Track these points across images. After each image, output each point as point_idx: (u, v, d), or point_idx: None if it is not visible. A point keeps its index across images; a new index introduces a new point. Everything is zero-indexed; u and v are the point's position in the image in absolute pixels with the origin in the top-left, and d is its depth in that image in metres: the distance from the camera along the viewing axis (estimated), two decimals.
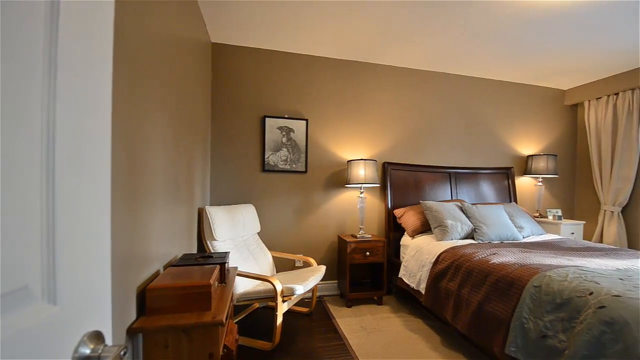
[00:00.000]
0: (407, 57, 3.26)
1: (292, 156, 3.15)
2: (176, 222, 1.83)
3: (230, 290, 1.62)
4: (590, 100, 3.99)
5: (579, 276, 1.66)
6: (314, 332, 2.44)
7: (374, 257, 2.97)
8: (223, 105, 3.00)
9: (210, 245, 2.33)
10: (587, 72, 3.61)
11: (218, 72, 2.98)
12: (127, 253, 1.17)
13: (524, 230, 3.08)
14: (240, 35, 2.85)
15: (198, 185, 2.42)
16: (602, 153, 3.83)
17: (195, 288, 1.36)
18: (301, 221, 3.21)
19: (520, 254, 2.22)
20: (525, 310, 1.65)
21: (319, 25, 2.65)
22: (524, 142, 4.03)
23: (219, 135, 2.99)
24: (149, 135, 1.37)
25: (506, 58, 3.26)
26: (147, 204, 1.36)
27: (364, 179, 2.96)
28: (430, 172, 3.57)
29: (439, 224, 2.86)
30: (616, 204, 3.67)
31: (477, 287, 2.01)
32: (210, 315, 1.32)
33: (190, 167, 2.16)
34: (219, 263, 1.67)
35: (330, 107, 3.30)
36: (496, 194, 3.77)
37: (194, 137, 2.28)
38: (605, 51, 3.05)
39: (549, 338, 1.49)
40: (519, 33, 2.71)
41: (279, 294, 2.05)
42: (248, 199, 3.04)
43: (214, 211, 2.40)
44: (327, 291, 3.28)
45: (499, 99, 3.92)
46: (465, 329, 2.00)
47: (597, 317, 1.34)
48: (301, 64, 3.21)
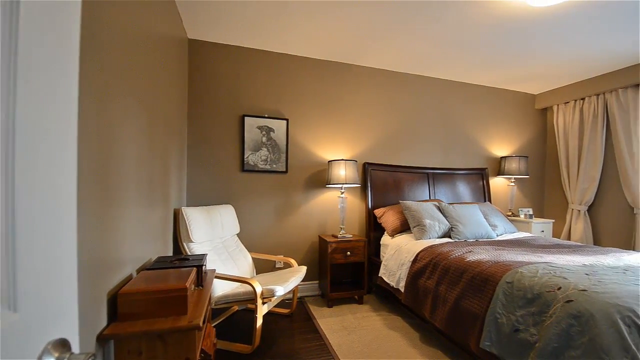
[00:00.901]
0: (386, 59, 3.31)
1: (273, 156, 3.12)
2: (150, 223, 1.76)
3: (208, 293, 1.58)
4: (558, 105, 4.20)
5: (548, 272, 1.73)
6: (295, 333, 2.43)
7: (355, 257, 2.99)
8: (200, 103, 2.93)
9: (187, 247, 2.26)
10: (556, 78, 3.79)
11: (195, 69, 2.91)
12: (97, 256, 1.11)
13: (498, 229, 3.20)
14: (219, 33, 2.80)
15: (174, 185, 2.35)
16: (570, 155, 4.04)
17: (170, 292, 1.31)
18: (282, 222, 3.19)
19: (494, 252, 2.29)
20: (498, 306, 1.71)
21: (299, 25, 2.64)
22: (497, 144, 4.19)
23: (196, 134, 2.92)
24: (121, 133, 1.31)
25: (481, 63, 3.37)
26: (119, 205, 1.30)
27: (345, 179, 2.98)
28: (409, 172, 3.63)
29: (417, 223, 2.91)
30: (583, 203, 3.88)
31: (454, 284, 2.07)
32: (187, 320, 1.28)
33: (166, 167, 2.10)
34: (195, 265, 1.62)
35: (311, 107, 3.29)
36: (472, 194, 3.89)
37: (170, 136, 2.21)
38: (572, 58, 3.21)
39: (520, 332, 1.55)
40: (493, 40, 2.82)
41: (259, 295, 2.02)
42: (227, 200, 2.99)
43: (190, 212, 2.34)
44: (308, 292, 3.27)
45: (474, 102, 4.05)
46: (443, 325, 2.05)
47: (565, 311, 1.41)
48: (282, 63, 3.19)
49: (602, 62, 3.31)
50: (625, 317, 1.28)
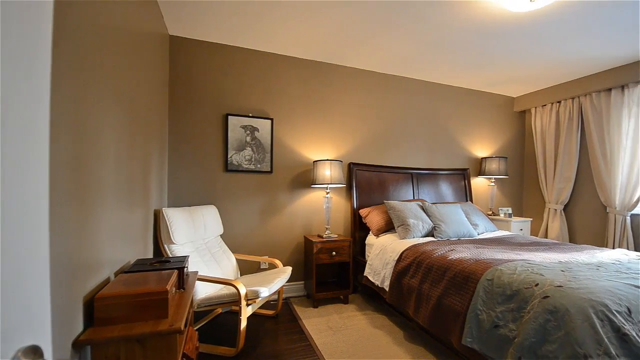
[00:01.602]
0: (371, 60, 3.34)
1: (257, 156, 3.09)
2: (129, 225, 1.71)
3: (190, 295, 1.55)
4: (536, 107, 4.35)
5: (526, 269, 1.79)
6: (280, 335, 2.41)
7: (340, 257, 3.00)
8: (182, 102, 2.86)
9: (168, 249, 2.21)
10: (534, 81, 3.92)
11: (177, 66, 2.84)
12: (72, 259, 1.07)
13: (479, 228, 3.28)
14: (202, 30, 2.75)
15: (154, 186, 2.29)
16: (547, 156, 4.19)
17: (150, 295, 1.28)
18: (266, 222, 3.16)
19: (475, 250, 2.35)
20: (479, 303, 1.75)
21: (285, 24, 2.62)
22: (478, 145, 4.30)
23: (178, 133, 2.85)
24: (98, 132, 1.27)
25: (462, 66, 3.45)
26: (96, 206, 1.26)
27: (330, 179, 2.98)
28: (393, 172, 3.68)
29: (401, 222, 2.95)
30: (559, 202, 4.03)
31: (437, 282, 2.10)
32: (168, 323, 1.25)
33: (146, 167, 2.04)
34: (177, 268, 1.58)
35: (296, 106, 3.28)
36: (454, 194, 3.97)
37: (150, 135, 2.16)
38: (549, 63, 3.33)
39: (500, 328, 1.60)
40: (474, 43, 2.89)
41: (243, 297, 1.99)
42: (210, 200, 2.94)
43: (171, 213, 2.28)
44: (294, 292, 3.25)
45: (456, 104, 4.14)
46: (426, 323, 2.08)
47: (542, 307, 1.46)
48: (266, 62, 3.16)
49: (577, 67, 3.45)
50: (599, 311, 1.34)
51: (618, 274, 1.75)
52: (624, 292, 1.48)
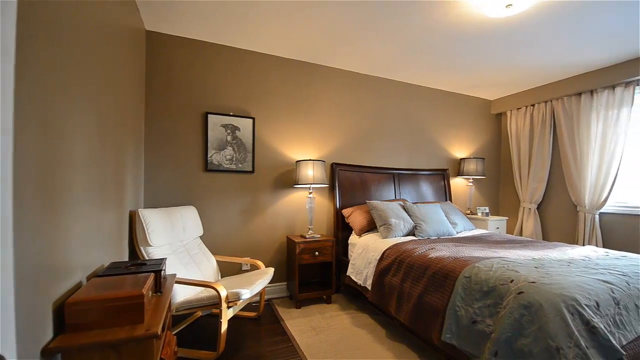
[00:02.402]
0: (353, 61, 3.36)
1: (238, 155, 3.04)
2: (103, 227, 1.64)
3: (167, 299, 1.50)
4: (512, 110, 4.51)
5: (502, 266, 1.84)
6: (262, 337, 2.38)
7: (323, 257, 3.00)
8: (159, 99, 2.77)
9: (144, 251, 2.13)
10: (510, 85, 4.07)
11: (153, 63, 2.75)
12: (40, 263, 1.01)
13: (458, 226, 3.36)
14: (180, 26, 2.68)
15: (129, 186, 2.21)
16: (521, 157, 4.35)
17: (125, 299, 1.23)
18: (248, 223, 3.12)
19: (454, 248, 2.40)
20: (458, 299, 1.79)
21: (267, 23, 2.60)
22: (457, 146, 4.41)
23: (155, 132, 2.76)
24: (68, 131, 1.21)
25: (441, 69, 3.53)
26: (66, 208, 1.20)
27: (313, 179, 2.98)
28: (375, 172, 3.71)
29: (383, 222, 2.98)
30: (533, 201, 4.19)
31: (417, 280, 2.14)
32: (144, 328, 1.21)
33: (120, 166, 1.97)
34: (153, 271, 1.54)
35: (278, 106, 3.26)
36: (434, 194, 4.06)
37: (125, 133, 2.08)
38: (524, 67, 3.46)
39: (478, 323, 1.64)
40: (453, 47, 2.96)
41: (224, 299, 1.95)
42: (189, 201, 2.86)
43: (148, 214, 2.21)
44: (276, 293, 3.22)
45: (436, 105, 4.23)
46: (408, 321, 2.11)
47: (517, 302, 1.51)
48: (248, 60, 3.12)
49: (550, 72, 3.60)
50: (569, 305, 1.39)
51: (587, 269, 1.84)
52: (593, 287, 1.55)
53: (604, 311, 1.45)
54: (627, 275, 1.74)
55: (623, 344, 1.42)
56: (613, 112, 3.42)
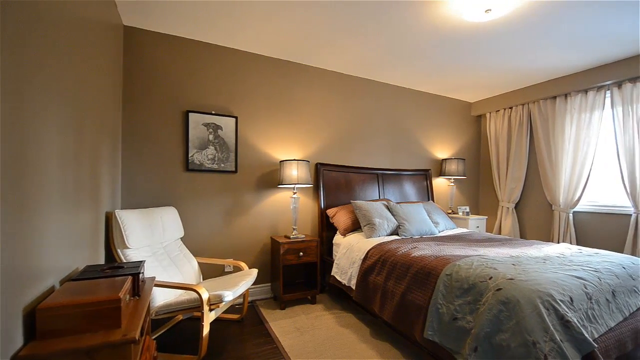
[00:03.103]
0: (337, 61, 3.37)
1: (221, 155, 2.98)
2: (77, 229, 1.58)
3: (146, 303, 1.45)
4: (490, 112, 4.64)
5: (481, 264, 1.89)
6: (245, 339, 2.35)
7: (308, 257, 2.99)
8: (138, 97, 2.69)
9: (122, 254, 2.06)
10: (489, 88, 4.18)
11: (132, 59, 2.66)
12: (8, 267, 0.96)
13: (440, 226, 3.42)
14: (161, 22, 2.61)
15: (106, 186, 2.13)
16: (500, 158, 4.49)
17: (100, 304, 1.18)
18: (231, 224, 3.07)
19: (436, 247, 2.45)
20: (439, 297, 1.82)
21: (251, 21, 2.56)
22: (439, 147, 4.50)
23: (133, 131, 2.66)
24: (39, 130, 1.15)
25: (423, 71, 3.59)
26: (38, 209, 1.14)
27: (297, 179, 2.96)
28: (360, 173, 3.74)
29: (367, 222, 3.00)
30: (511, 201, 4.33)
31: (401, 279, 2.16)
32: (120, 333, 1.16)
33: (96, 166, 1.89)
34: (131, 274, 1.48)
35: (262, 105, 3.22)
36: (417, 193, 4.12)
37: (101, 132, 2.00)
38: (502, 71, 3.57)
39: (459, 320, 1.67)
40: (434, 50, 3.01)
41: (205, 302, 1.91)
42: (169, 201, 2.79)
43: (125, 215, 2.14)
44: (260, 295, 3.19)
45: (418, 107, 4.30)
46: (391, 319, 2.13)
47: (496, 298, 1.55)
48: (231, 58, 3.07)
49: (527, 76, 3.73)
50: (545, 301, 1.44)
51: (562, 266, 1.91)
52: (567, 282, 1.61)
53: (578, 306, 1.51)
54: (599, 271, 1.81)
55: (595, 337, 1.48)
56: (585, 115, 3.57)
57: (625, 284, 1.81)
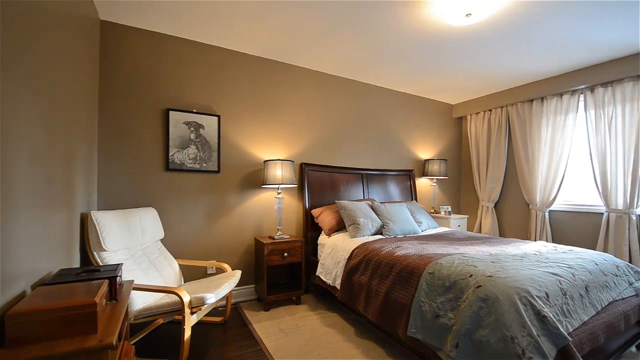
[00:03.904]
0: (322, 61, 3.37)
1: (203, 154, 2.92)
2: (50, 231, 1.51)
3: (124, 307, 1.40)
4: (471, 115, 4.76)
5: (462, 262, 1.93)
6: (229, 342, 2.31)
7: (292, 258, 2.97)
8: (115, 94, 2.59)
9: (98, 257, 1.98)
10: (469, 90, 4.29)
11: (109, 55, 2.57)
12: None
13: (422, 225, 3.48)
14: (140, 17, 2.53)
15: (80, 187, 2.04)
16: (480, 159, 4.61)
17: (75, 309, 1.13)
18: (214, 225, 3.01)
19: (419, 246, 2.48)
20: (422, 295, 1.85)
21: (235, 19, 2.53)
22: (421, 147, 4.57)
23: (110, 129, 2.57)
24: (7, 128, 1.09)
25: (406, 73, 3.65)
26: (6, 210, 1.08)
27: (282, 179, 2.94)
28: (344, 173, 3.75)
29: (352, 222, 3.02)
30: (490, 200, 4.45)
31: (385, 278, 2.18)
32: (97, 339, 1.12)
33: (70, 166, 1.81)
34: (108, 277, 1.43)
35: (245, 104, 3.18)
36: (401, 193, 4.18)
37: (75, 130, 1.93)
38: (482, 74, 3.66)
39: (440, 317, 1.70)
40: (417, 53, 3.06)
41: (187, 305, 1.86)
42: (148, 202, 2.70)
43: (102, 217, 2.06)
44: (244, 296, 3.15)
45: (402, 108, 4.36)
46: (375, 318, 2.14)
47: (476, 295, 1.58)
48: (214, 56, 3.02)
49: (506, 79, 3.84)
50: (522, 297, 1.49)
51: (538, 263, 1.98)
52: (543, 279, 1.67)
53: (553, 301, 1.56)
54: (573, 268, 1.89)
55: (569, 331, 1.54)
56: (560, 118, 3.72)
57: (597, 279, 1.89)
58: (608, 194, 3.30)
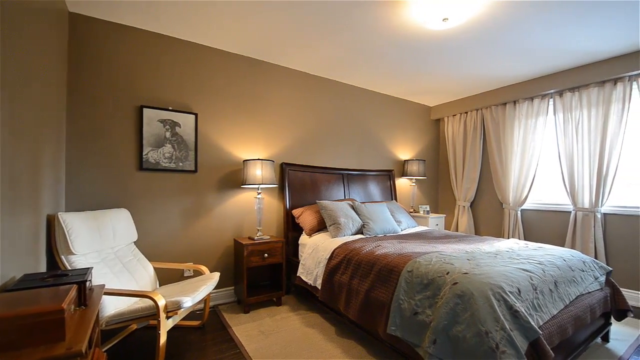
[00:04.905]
0: (303, 61, 3.36)
1: (179, 153, 2.84)
2: (13, 234, 1.41)
3: (94, 312, 1.34)
4: (448, 117, 4.89)
5: (439, 260, 1.98)
6: (207, 346, 2.25)
7: (273, 258, 2.94)
8: (85, 89, 2.47)
9: (66, 261, 1.88)
10: (446, 93, 4.40)
11: (78, 49, 2.44)
12: None
13: (402, 224, 3.54)
14: (114, 11, 2.43)
15: (47, 187, 1.93)
16: (456, 159, 4.74)
17: (41, 315, 1.07)
18: (191, 226, 2.93)
19: (398, 245, 2.52)
20: (401, 293, 1.88)
21: (215, 16, 2.47)
22: (401, 148, 4.65)
23: (80, 125, 2.44)
24: None
25: (385, 74, 3.70)
26: None
27: (262, 179, 2.91)
28: (325, 173, 3.75)
29: (333, 221, 3.02)
30: (466, 200, 4.59)
31: (365, 277, 2.20)
32: (64, 347, 1.06)
33: (36, 165, 1.71)
34: (76, 282, 1.36)
35: (224, 102, 3.12)
36: (381, 193, 4.23)
37: (42, 126, 1.82)
38: (458, 77, 3.77)
39: (419, 314, 1.73)
40: (396, 55, 3.11)
41: (162, 309, 1.80)
42: (121, 203, 2.59)
43: (70, 219, 1.96)
44: (223, 299, 3.08)
45: (382, 109, 4.42)
46: (356, 317, 2.16)
47: (452, 292, 1.62)
48: (191, 53, 2.94)
49: (481, 83, 3.97)
50: (496, 293, 1.54)
51: (511, 260, 2.05)
52: (515, 275, 1.73)
53: (525, 296, 1.62)
54: (543, 264, 1.97)
55: (540, 325, 1.61)
56: (532, 121, 3.88)
57: (565, 274, 1.98)
58: (575, 194, 3.47)
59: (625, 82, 3.13)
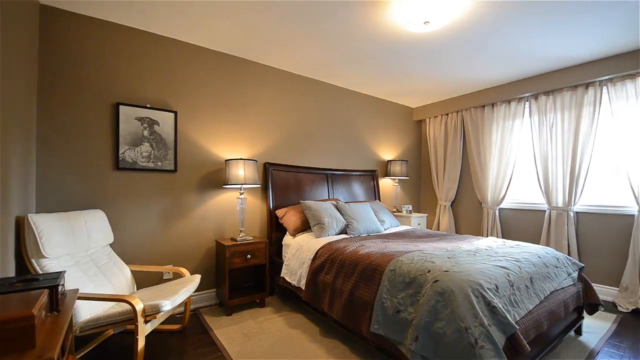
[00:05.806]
0: (287, 61, 3.34)
1: (157, 152, 2.76)
2: None
3: (67, 318, 1.28)
4: (430, 118, 4.99)
5: (421, 258, 2.01)
6: (187, 350, 2.20)
7: (256, 259, 2.90)
8: (57, 86, 2.36)
9: (37, 264, 1.79)
10: (428, 95, 4.49)
11: (50, 43, 2.33)
12: None
13: (385, 224, 3.58)
14: (88, 5, 2.33)
15: (15, 187, 1.83)
16: (438, 160, 4.84)
17: (9, 322, 1.02)
18: (171, 227, 2.85)
19: (381, 244, 2.55)
20: (384, 291, 1.90)
21: (198, 12, 2.41)
22: (384, 148, 4.71)
23: (51, 123, 2.34)
24: None
25: (368, 75, 3.74)
26: None
27: (244, 179, 2.87)
28: (309, 173, 3.75)
29: (317, 222, 3.02)
30: (447, 199, 4.69)
31: (349, 276, 2.20)
32: (35, 355, 1.01)
33: (2, 164, 1.63)
34: (47, 287, 1.30)
35: (205, 101, 3.05)
36: (365, 193, 4.26)
37: (10, 124, 1.73)
38: (439, 80, 3.85)
39: (401, 312, 1.75)
40: (377, 57, 3.15)
41: (140, 313, 1.74)
42: (95, 204, 2.49)
43: (41, 220, 1.87)
44: (204, 302, 3.02)
45: (365, 110, 4.46)
46: (340, 316, 2.16)
47: (433, 290, 1.65)
48: (171, 49, 2.86)
49: (461, 85, 4.07)
50: (475, 290, 1.58)
51: (489, 257, 2.11)
52: (493, 272, 1.78)
53: (502, 292, 1.67)
54: (519, 261, 2.04)
55: (517, 320, 1.66)
56: (509, 123, 4.01)
57: (540, 271, 2.05)
58: (550, 193, 3.61)
59: (596, 87, 3.28)
